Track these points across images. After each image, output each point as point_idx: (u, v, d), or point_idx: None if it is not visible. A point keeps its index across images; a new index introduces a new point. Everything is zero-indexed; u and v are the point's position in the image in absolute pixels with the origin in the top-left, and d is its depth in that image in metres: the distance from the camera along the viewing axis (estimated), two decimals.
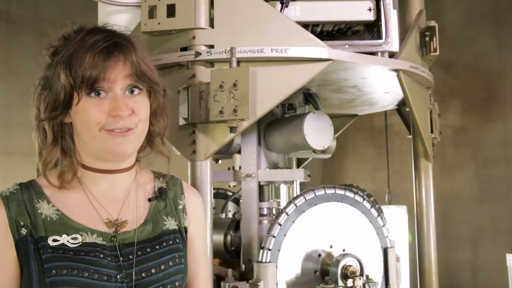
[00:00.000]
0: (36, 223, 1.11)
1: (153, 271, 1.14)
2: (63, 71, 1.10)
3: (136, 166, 1.28)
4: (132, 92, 1.16)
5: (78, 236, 1.11)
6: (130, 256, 1.13)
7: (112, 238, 1.14)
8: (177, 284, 1.18)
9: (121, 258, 1.12)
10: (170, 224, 1.24)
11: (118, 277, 1.10)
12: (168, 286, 1.16)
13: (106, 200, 1.19)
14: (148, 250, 1.16)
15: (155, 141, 1.28)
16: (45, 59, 1.19)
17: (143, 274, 1.13)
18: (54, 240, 1.10)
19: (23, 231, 1.10)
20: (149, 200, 1.26)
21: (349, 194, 1.98)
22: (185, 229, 1.28)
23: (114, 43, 1.13)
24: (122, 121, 1.12)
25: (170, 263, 1.18)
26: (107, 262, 1.10)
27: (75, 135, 1.19)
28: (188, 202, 1.32)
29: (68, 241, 1.10)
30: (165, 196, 1.28)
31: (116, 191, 1.21)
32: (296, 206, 1.87)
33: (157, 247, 1.18)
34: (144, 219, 1.21)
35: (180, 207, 1.30)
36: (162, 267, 1.16)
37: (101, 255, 1.11)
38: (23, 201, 1.12)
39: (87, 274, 1.07)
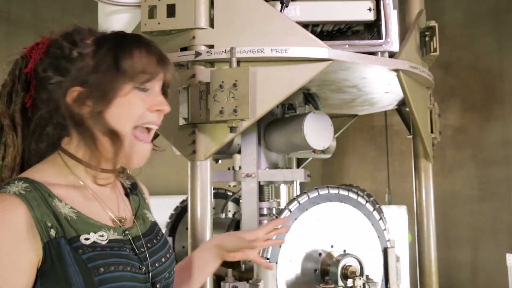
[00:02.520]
0: (62, 223, 1.04)
1: (163, 260, 1.21)
2: (126, 58, 1.09)
3: None
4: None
5: (103, 233, 1.10)
6: (142, 249, 1.17)
7: (126, 233, 1.16)
8: (174, 270, 1.28)
9: (137, 251, 1.16)
10: (150, 216, 1.31)
11: (143, 268, 1.14)
12: (172, 273, 1.25)
13: (104, 196, 1.19)
14: (154, 241, 1.23)
15: None
16: (82, 45, 1.12)
17: (156, 264, 1.19)
18: (86, 239, 1.06)
19: (52, 232, 1.02)
20: (127, 195, 1.29)
21: (352, 195, 1.98)
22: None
23: (164, 52, 1.18)
24: (159, 118, 1.16)
25: (170, 252, 1.26)
26: (132, 255, 1.14)
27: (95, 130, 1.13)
28: (146, 196, 1.38)
29: (97, 239, 1.08)
30: (136, 191, 1.33)
31: (106, 188, 1.22)
32: (299, 203, 1.88)
33: (158, 237, 1.25)
34: (133, 214, 1.25)
35: (146, 200, 1.36)
36: (168, 255, 1.24)
37: (127, 250, 1.13)
38: (42, 200, 1.04)
39: (128, 268, 1.09)
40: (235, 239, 1.47)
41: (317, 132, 2.04)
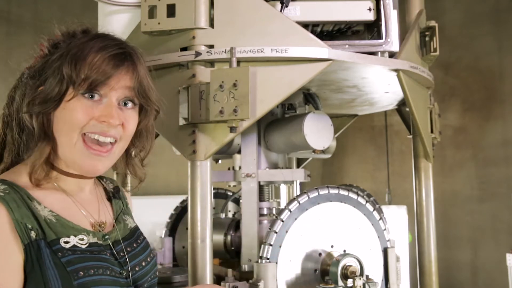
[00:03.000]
0: (42, 225, 1.03)
1: (143, 264, 1.21)
2: (67, 65, 1.06)
3: None
4: (125, 104, 1.14)
5: (83, 236, 1.09)
6: (121, 254, 1.16)
7: (106, 237, 1.15)
8: (156, 274, 1.28)
9: (117, 256, 1.15)
10: (130, 222, 1.29)
11: (123, 273, 1.13)
12: (153, 276, 1.25)
13: (83, 201, 1.18)
14: (134, 245, 1.22)
15: (132, 162, 1.26)
16: (39, 50, 1.14)
17: (136, 268, 1.18)
18: (66, 242, 1.04)
19: (33, 234, 1.01)
20: (109, 199, 1.28)
21: (352, 195, 1.98)
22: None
23: (126, 53, 1.12)
24: (108, 129, 1.10)
25: (151, 255, 1.25)
26: (112, 260, 1.12)
27: (55, 133, 1.11)
28: (129, 201, 1.37)
29: (77, 242, 1.06)
30: (119, 195, 1.32)
31: (86, 192, 1.20)
32: (299, 203, 1.88)
33: (138, 241, 1.24)
34: (113, 219, 1.24)
35: (128, 205, 1.35)
36: (148, 259, 1.23)
37: (107, 254, 1.12)
38: (21, 201, 1.03)
39: (108, 272, 1.08)
40: None
41: (317, 132, 2.04)
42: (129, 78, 1.11)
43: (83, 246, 1.07)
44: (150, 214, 3.80)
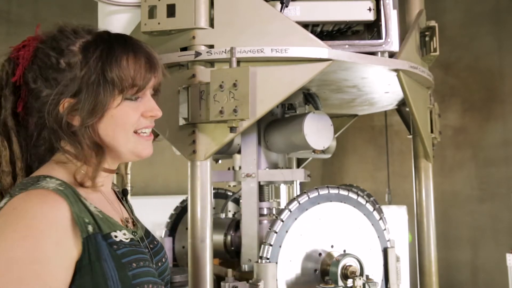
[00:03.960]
0: (96, 219, 1.06)
1: (163, 260, 1.28)
2: (114, 72, 1.08)
3: None
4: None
5: (125, 231, 1.12)
6: (146, 250, 1.20)
7: (135, 234, 1.20)
8: (169, 272, 1.34)
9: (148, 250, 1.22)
10: (140, 222, 1.35)
11: (154, 266, 1.20)
12: (168, 273, 1.32)
13: (109, 198, 1.22)
14: (155, 242, 1.29)
15: None
16: (69, 53, 1.10)
17: (159, 264, 1.25)
18: (115, 236, 1.08)
19: (90, 228, 1.04)
20: (126, 200, 1.34)
21: (352, 195, 1.98)
22: None
23: (151, 53, 1.18)
24: (151, 122, 1.19)
25: (166, 255, 1.32)
26: (148, 253, 1.19)
27: (96, 137, 1.12)
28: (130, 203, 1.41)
29: (122, 237, 1.10)
30: (127, 197, 1.37)
31: (109, 189, 1.25)
32: (299, 203, 1.88)
33: (155, 241, 1.32)
34: (131, 217, 1.28)
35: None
36: (166, 257, 1.31)
37: (144, 248, 1.18)
38: (75, 196, 1.06)
39: (150, 264, 1.14)
40: None
41: (317, 132, 2.04)
42: (156, 75, 1.18)
43: (127, 241, 1.10)
44: (150, 214, 3.80)
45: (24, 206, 0.99)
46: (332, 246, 1.93)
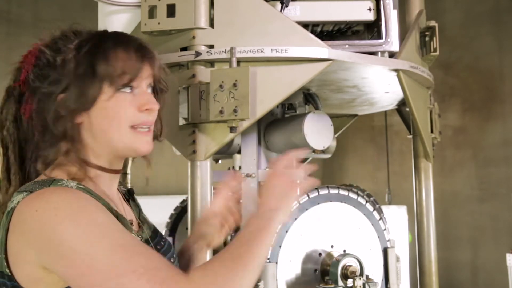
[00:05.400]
0: (117, 216, 1.08)
1: (172, 260, 1.26)
2: (102, 63, 1.06)
3: None
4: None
5: (133, 235, 1.12)
6: None
7: (139, 235, 1.19)
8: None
9: None
10: (150, 221, 1.34)
11: None
12: None
13: (116, 200, 1.19)
14: (162, 243, 1.27)
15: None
16: (66, 50, 1.10)
17: None
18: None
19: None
20: (132, 200, 1.32)
21: (352, 195, 1.98)
22: None
23: (142, 43, 1.15)
24: (151, 116, 1.14)
25: (174, 255, 1.30)
26: None
27: (87, 133, 1.11)
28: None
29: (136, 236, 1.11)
30: (133, 197, 1.35)
31: (114, 192, 1.21)
32: (299, 203, 1.88)
33: (163, 240, 1.29)
34: (137, 218, 1.27)
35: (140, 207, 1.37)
36: (174, 256, 1.29)
37: None
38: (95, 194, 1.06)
39: None
40: (208, 228, 1.50)
41: (317, 132, 2.04)
42: (150, 66, 1.15)
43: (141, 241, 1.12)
44: (150, 214, 3.80)
45: (60, 194, 0.99)
46: (332, 246, 1.93)
